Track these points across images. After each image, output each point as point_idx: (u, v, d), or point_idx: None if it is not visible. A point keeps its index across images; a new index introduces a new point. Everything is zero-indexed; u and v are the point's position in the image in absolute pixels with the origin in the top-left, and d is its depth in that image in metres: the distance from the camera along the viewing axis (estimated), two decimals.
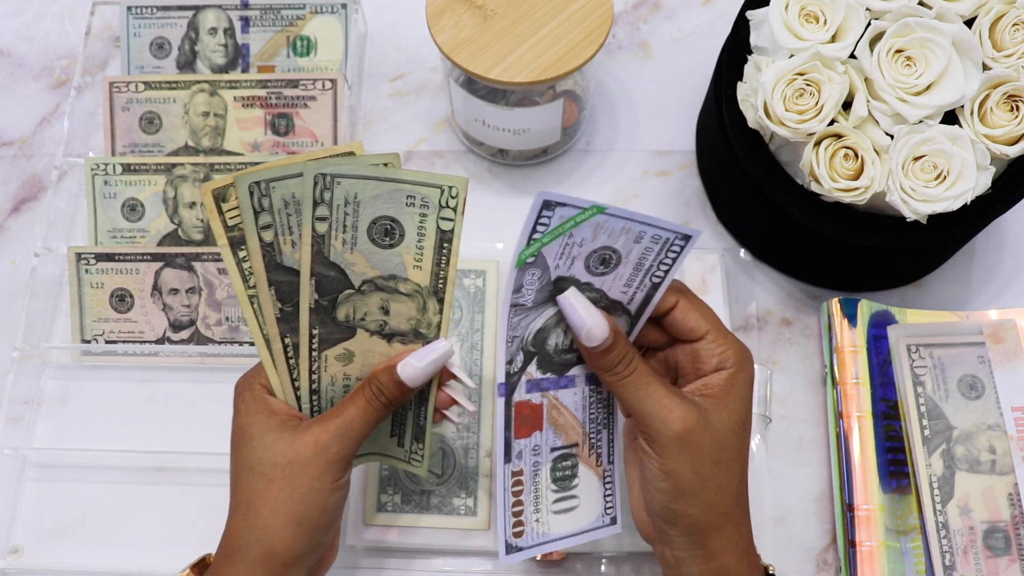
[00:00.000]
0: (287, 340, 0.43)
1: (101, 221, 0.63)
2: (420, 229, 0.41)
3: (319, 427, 0.42)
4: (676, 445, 0.41)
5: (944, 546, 0.53)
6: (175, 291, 0.61)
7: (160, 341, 0.61)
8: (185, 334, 0.61)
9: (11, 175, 0.68)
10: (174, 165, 0.62)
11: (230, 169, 0.62)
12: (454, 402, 0.46)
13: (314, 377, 0.44)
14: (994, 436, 0.55)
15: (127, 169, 0.62)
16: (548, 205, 0.37)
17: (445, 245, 0.42)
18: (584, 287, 0.41)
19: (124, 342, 0.61)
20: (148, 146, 0.65)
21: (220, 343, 0.60)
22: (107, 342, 0.61)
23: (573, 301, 0.41)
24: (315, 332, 0.43)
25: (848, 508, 0.55)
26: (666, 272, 0.42)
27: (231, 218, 0.40)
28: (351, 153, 0.41)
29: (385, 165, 0.40)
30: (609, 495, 0.48)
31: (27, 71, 0.72)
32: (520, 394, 0.43)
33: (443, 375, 0.46)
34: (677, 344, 0.44)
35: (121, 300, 0.61)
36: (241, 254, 0.41)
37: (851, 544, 0.54)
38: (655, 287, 0.42)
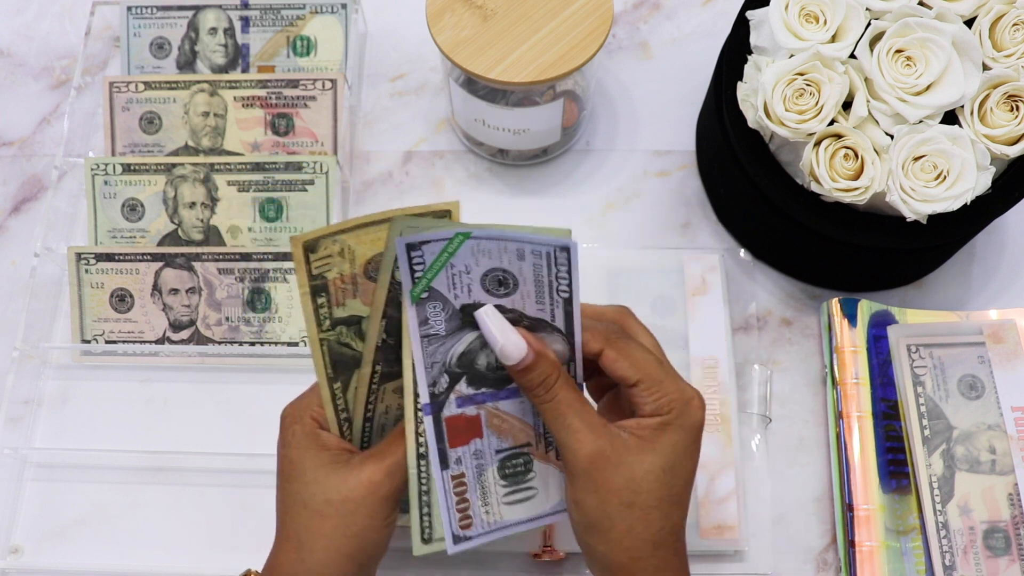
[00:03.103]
0: (378, 368, 0.43)
1: (101, 221, 0.63)
2: None
3: (372, 465, 0.42)
4: (582, 477, 0.40)
5: (944, 546, 0.53)
6: (175, 291, 0.61)
7: (160, 341, 0.61)
8: (185, 334, 0.61)
9: (11, 175, 0.68)
10: (174, 165, 0.62)
11: (230, 169, 0.62)
12: None
13: (369, 407, 0.45)
14: (994, 436, 0.55)
15: (127, 169, 0.62)
16: (412, 247, 0.38)
17: None
18: (500, 308, 0.41)
19: (124, 342, 0.61)
20: (148, 146, 0.65)
21: (220, 343, 0.60)
22: (107, 342, 0.61)
23: (486, 319, 0.40)
24: (377, 368, 0.43)
25: (848, 508, 0.55)
26: (569, 286, 0.40)
27: (317, 267, 0.41)
28: (447, 212, 0.42)
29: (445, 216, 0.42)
30: None
31: (27, 71, 0.72)
32: (450, 409, 0.43)
33: None
34: (621, 386, 0.43)
35: (121, 300, 0.61)
36: (319, 301, 0.41)
37: (851, 544, 0.54)
38: (568, 303, 0.41)
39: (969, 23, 0.50)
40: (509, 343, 0.40)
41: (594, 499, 0.40)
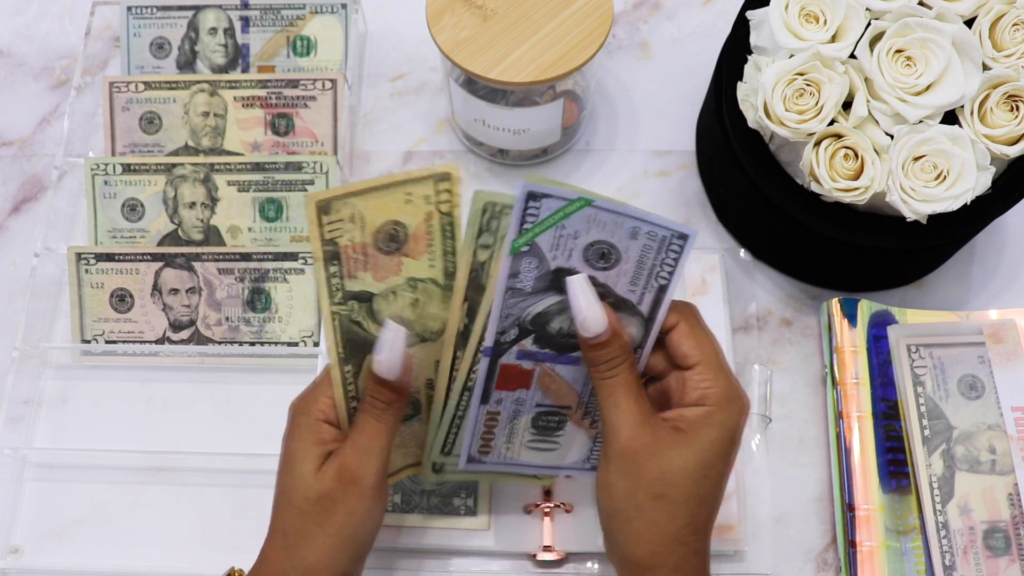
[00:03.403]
0: (458, 353, 0.43)
1: (101, 221, 0.63)
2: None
3: (338, 456, 0.42)
4: (618, 460, 0.40)
5: (944, 546, 0.53)
6: (175, 291, 0.61)
7: (160, 341, 0.61)
8: (185, 334, 0.61)
9: (11, 175, 0.68)
10: (174, 165, 0.62)
11: (230, 169, 0.62)
12: None
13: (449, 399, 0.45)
14: (994, 436, 0.55)
15: (127, 169, 0.62)
16: (533, 196, 0.37)
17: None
18: (591, 280, 0.41)
19: (124, 342, 0.61)
20: (148, 146, 0.65)
21: (220, 343, 0.60)
22: (107, 342, 0.61)
23: (577, 287, 0.40)
24: (458, 354, 0.43)
25: (848, 508, 0.55)
26: (670, 274, 0.41)
27: (329, 231, 0.40)
28: (447, 174, 0.41)
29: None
30: (598, 450, 0.47)
31: (27, 71, 0.72)
32: (509, 359, 0.43)
33: None
34: (673, 371, 0.43)
35: (121, 300, 0.61)
36: (332, 269, 0.41)
37: (851, 544, 0.54)
38: (662, 290, 0.42)
39: (969, 23, 0.50)
40: (592, 316, 0.40)
41: (625, 485, 0.40)
